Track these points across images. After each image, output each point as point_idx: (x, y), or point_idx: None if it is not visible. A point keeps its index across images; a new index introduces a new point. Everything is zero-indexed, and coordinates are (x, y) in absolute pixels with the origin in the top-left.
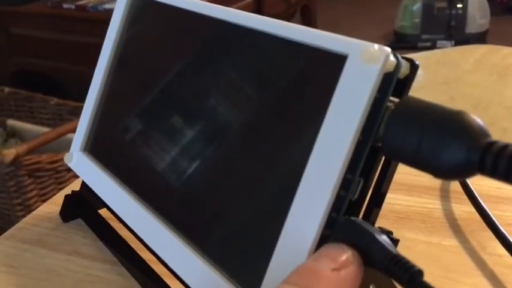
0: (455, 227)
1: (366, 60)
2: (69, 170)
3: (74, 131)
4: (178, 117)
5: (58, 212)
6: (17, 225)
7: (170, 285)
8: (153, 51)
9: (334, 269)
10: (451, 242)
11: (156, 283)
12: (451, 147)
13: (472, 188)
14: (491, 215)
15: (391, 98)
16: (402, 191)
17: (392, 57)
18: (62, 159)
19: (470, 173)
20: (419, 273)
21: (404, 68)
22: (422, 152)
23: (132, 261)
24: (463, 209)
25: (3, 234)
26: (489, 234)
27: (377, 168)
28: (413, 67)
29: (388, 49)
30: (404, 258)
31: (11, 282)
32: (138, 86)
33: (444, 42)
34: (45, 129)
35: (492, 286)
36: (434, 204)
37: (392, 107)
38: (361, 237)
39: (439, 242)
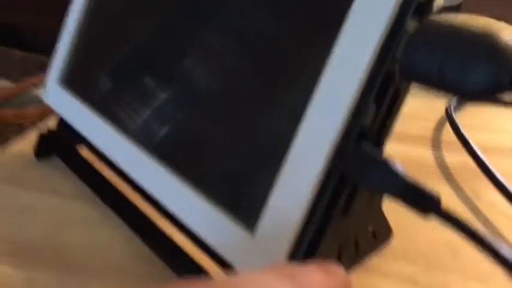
0: (448, 176)
1: None
2: (36, 126)
3: (40, 86)
4: (174, 50)
5: (31, 151)
6: None
7: (157, 224)
8: None
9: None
10: (445, 189)
11: (143, 220)
12: (479, 67)
13: (466, 136)
14: (486, 162)
15: (409, 21)
16: (392, 140)
17: None
18: (27, 115)
19: (499, 93)
20: (438, 200)
21: None
22: (447, 73)
23: (115, 198)
24: (456, 158)
25: None
26: (483, 182)
27: (390, 94)
28: None
29: None
30: (421, 185)
31: None
32: (125, 16)
33: None
34: (9, 84)
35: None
36: (425, 153)
37: (412, 28)
38: (374, 164)
39: None
